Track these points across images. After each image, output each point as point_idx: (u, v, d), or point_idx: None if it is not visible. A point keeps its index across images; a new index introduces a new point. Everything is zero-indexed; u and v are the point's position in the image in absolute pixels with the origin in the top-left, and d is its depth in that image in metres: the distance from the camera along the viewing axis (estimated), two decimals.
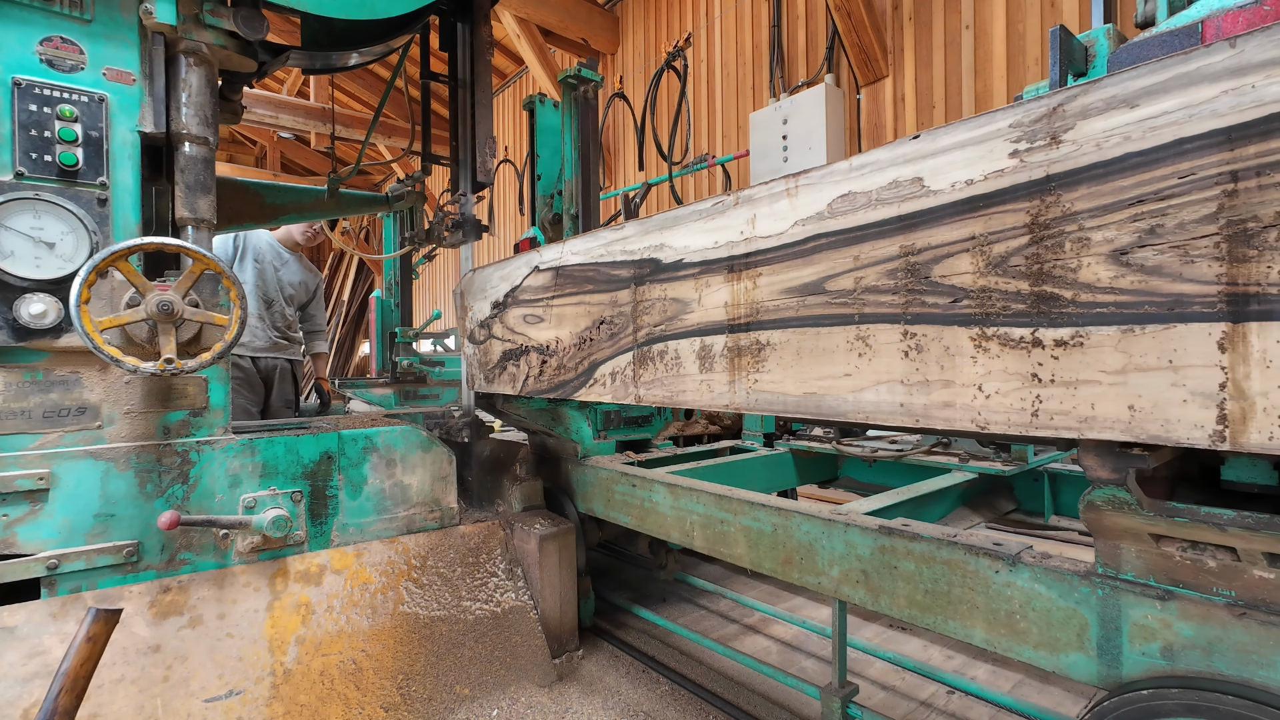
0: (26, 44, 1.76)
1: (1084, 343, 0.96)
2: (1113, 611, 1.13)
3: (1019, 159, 1.02)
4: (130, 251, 1.70)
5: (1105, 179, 0.93)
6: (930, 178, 1.12)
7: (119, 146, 1.87)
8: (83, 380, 1.83)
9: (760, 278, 1.41)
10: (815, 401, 1.33)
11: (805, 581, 1.67)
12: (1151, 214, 0.88)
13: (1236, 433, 0.83)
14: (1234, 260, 0.82)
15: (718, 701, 2.25)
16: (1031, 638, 1.22)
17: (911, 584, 1.41)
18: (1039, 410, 1.02)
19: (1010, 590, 1.25)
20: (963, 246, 1.08)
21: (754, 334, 1.43)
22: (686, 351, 1.59)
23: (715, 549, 1.93)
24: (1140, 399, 0.91)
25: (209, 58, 2.01)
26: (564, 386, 2.00)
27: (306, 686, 1.94)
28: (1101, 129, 0.93)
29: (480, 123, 2.90)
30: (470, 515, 2.64)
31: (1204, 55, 0.85)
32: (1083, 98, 0.96)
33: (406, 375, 6.21)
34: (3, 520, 1.69)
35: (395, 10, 2.29)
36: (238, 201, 3.15)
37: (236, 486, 2.03)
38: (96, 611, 1.26)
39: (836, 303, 1.27)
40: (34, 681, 1.61)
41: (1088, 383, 0.96)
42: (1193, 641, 1.04)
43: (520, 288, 2.21)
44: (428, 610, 2.24)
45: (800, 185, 1.33)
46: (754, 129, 5.58)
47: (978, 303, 1.07)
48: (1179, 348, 0.87)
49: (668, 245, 1.65)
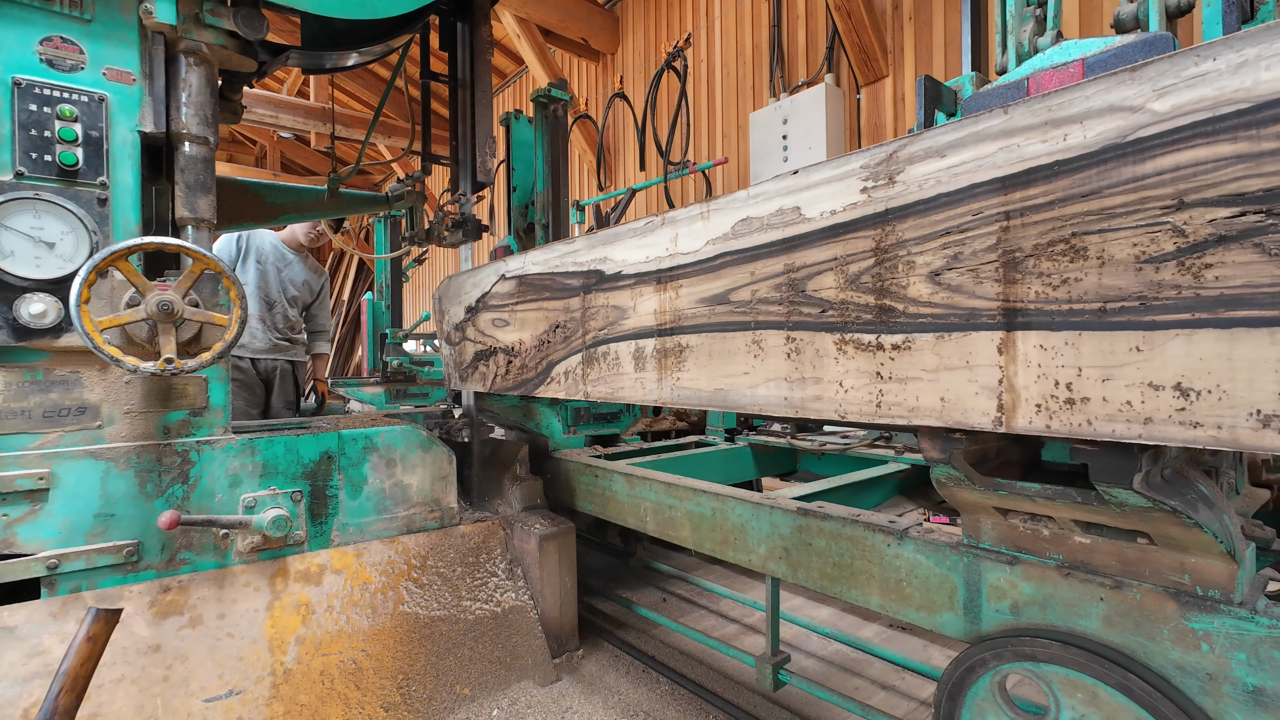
0: (26, 44, 1.76)
1: (911, 347, 1.15)
2: (975, 576, 1.33)
3: (867, 194, 1.20)
4: (130, 251, 1.70)
5: (925, 213, 1.11)
6: (806, 207, 1.30)
7: (119, 146, 1.87)
8: (83, 380, 1.83)
9: (681, 289, 1.59)
10: (722, 396, 1.51)
11: (739, 559, 1.87)
12: (955, 243, 1.08)
13: (1009, 418, 1.03)
14: (1007, 282, 1.02)
15: (718, 701, 2.25)
16: (915, 601, 1.44)
17: (823, 558, 1.63)
18: (881, 402, 1.20)
19: (899, 561, 1.46)
20: (828, 266, 1.27)
21: (677, 338, 1.60)
22: (624, 353, 1.76)
23: (665, 532, 2.16)
24: (948, 392, 1.10)
25: (209, 57, 2.01)
26: (526, 384, 2.16)
27: (306, 686, 1.94)
28: (923, 173, 1.12)
29: (480, 123, 2.90)
30: (470, 515, 2.64)
31: (988, 119, 1.04)
32: (910, 147, 1.14)
33: (397, 375, 6.42)
34: (3, 520, 1.69)
35: (395, 10, 2.29)
36: (238, 201, 3.15)
37: (236, 486, 2.03)
38: (96, 611, 1.26)
39: (738, 312, 1.45)
40: (34, 681, 1.61)
41: (914, 379, 1.15)
42: (1033, 599, 1.25)
43: (489, 294, 2.37)
44: (428, 610, 2.24)
45: (712, 210, 1.50)
46: (754, 129, 5.58)
47: (839, 313, 1.26)
48: (973, 351, 1.07)
49: (610, 258, 1.81)
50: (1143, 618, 1.11)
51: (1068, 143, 0.95)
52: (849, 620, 2.82)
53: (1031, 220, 0.98)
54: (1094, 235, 0.93)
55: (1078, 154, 0.94)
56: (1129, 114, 0.89)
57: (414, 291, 13.45)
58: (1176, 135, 0.85)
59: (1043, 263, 0.97)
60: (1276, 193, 0.77)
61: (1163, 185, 0.87)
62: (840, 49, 5.24)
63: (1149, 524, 1.10)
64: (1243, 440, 0.82)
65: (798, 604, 3.02)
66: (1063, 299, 0.96)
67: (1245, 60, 0.80)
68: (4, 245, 1.68)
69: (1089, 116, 0.93)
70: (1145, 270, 0.88)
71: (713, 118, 6.57)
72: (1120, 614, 1.13)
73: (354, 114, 10.22)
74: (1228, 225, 0.81)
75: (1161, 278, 0.87)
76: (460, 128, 2.96)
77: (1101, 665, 1.12)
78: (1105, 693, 1.12)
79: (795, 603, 3.04)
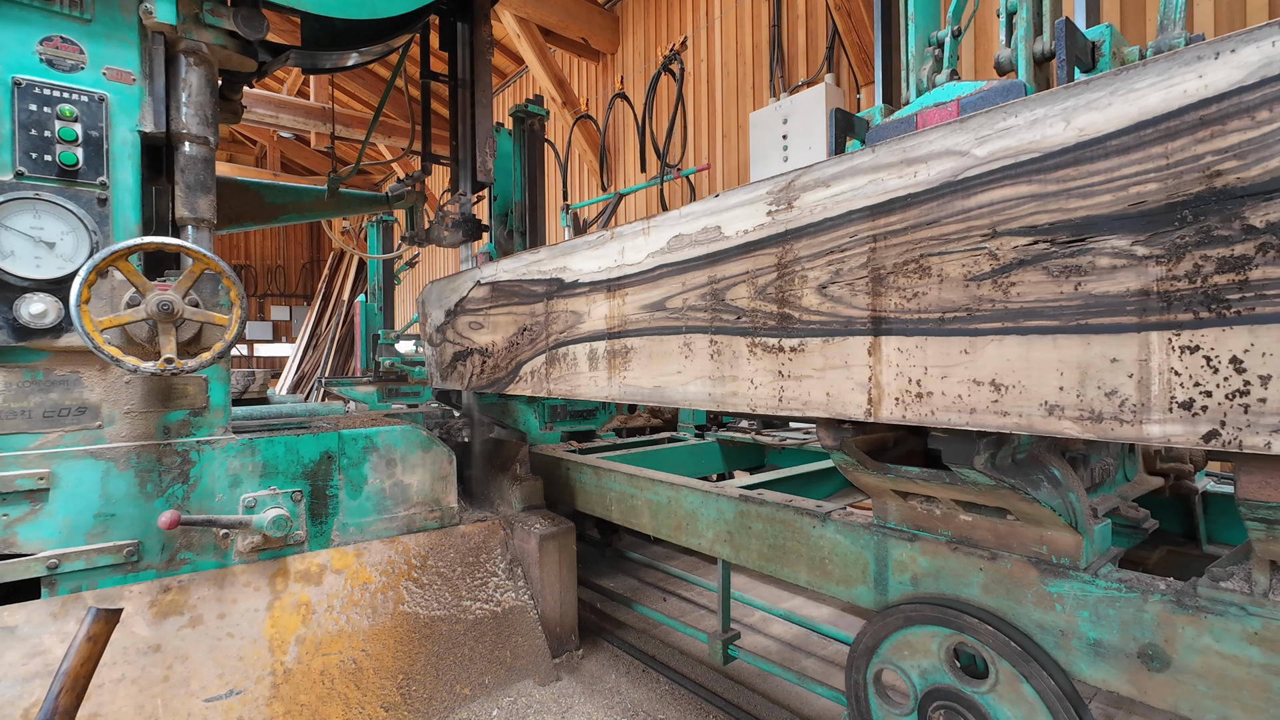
0: (26, 44, 1.76)
1: (804, 349, 1.31)
2: (883, 553, 1.52)
3: (772, 216, 1.36)
4: (130, 251, 1.70)
5: (815, 235, 1.28)
6: (725, 226, 1.46)
7: (119, 146, 1.87)
8: (83, 380, 1.83)
9: (627, 296, 1.73)
10: (660, 392, 1.66)
11: (690, 543, 2.06)
12: (837, 261, 1.25)
13: (876, 410, 1.20)
14: (875, 294, 1.19)
15: (718, 701, 2.25)
16: (835, 576, 1.63)
17: (761, 540, 1.82)
18: (782, 397, 1.36)
19: (823, 541, 1.66)
20: (742, 278, 1.42)
21: (623, 340, 1.75)
22: (581, 354, 1.91)
23: (628, 520, 2.34)
24: (833, 388, 1.27)
25: (209, 57, 2.01)
26: (498, 383, 2.32)
27: (307, 686, 1.94)
28: (813, 200, 1.28)
29: (480, 122, 2.90)
30: (470, 515, 2.64)
31: (861, 155, 1.20)
32: (803, 177, 1.30)
33: (389, 374, 6.61)
34: (3, 520, 1.69)
35: (395, 10, 2.29)
36: (238, 201, 3.15)
37: (237, 486, 2.03)
38: (97, 611, 1.26)
39: (672, 317, 1.60)
40: (34, 681, 1.61)
41: (806, 377, 1.32)
42: (928, 571, 1.43)
43: (466, 299, 2.52)
44: (428, 610, 2.24)
45: (652, 226, 1.65)
46: (754, 129, 5.58)
47: (750, 319, 1.41)
48: (850, 353, 1.24)
49: (569, 268, 1.94)
50: (1012, 584, 1.30)
51: (917, 179, 1.12)
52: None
53: (892, 243, 1.15)
54: (935, 257, 1.10)
55: (924, 188, 1.11)
56: (959, 157, 1.06)
57: (407, 293, 13.45)
58: (992, 176, 1.02)
59: (900, 279, 1.15)
60: (1058, 225, 0.96)
61: (982, 217, 1.04)
62: (840, 49, 5.24)
63: (1002, 500, 1.28)
64: (1036, 426, 0.99)
65: (769, 593, 3.09)
66: (914, 309, 1.13)
67: (1037, 118, 0.97)
68: (4, 245, 1.68)
69: (931, 158, 1.10)
70: (970, 287, 1.05)
71: (713, 117, 6.57)
72: (995, 581, 1.32)
73: (354, 114, 10.22)
74: (1025, 251, 0.99)
75: (982, 293, 1.04)
76: (460, 128, 2.96)
77: (978, 626, 1.29)
78: (983, 650, 1.30)
79: (766, 591, 3.12)
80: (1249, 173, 0.80)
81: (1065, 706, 1.19)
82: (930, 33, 1.99)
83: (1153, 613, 1.11)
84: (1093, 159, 0.92)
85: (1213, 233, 0.83)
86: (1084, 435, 0.94)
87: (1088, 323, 0.93)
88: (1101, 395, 0.92)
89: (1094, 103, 0.92)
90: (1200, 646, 1.06)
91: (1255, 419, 0.81)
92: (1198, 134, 0.83)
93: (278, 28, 2.78)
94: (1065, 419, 0.96)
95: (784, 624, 2.84)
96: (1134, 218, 0.89)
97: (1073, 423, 0.95)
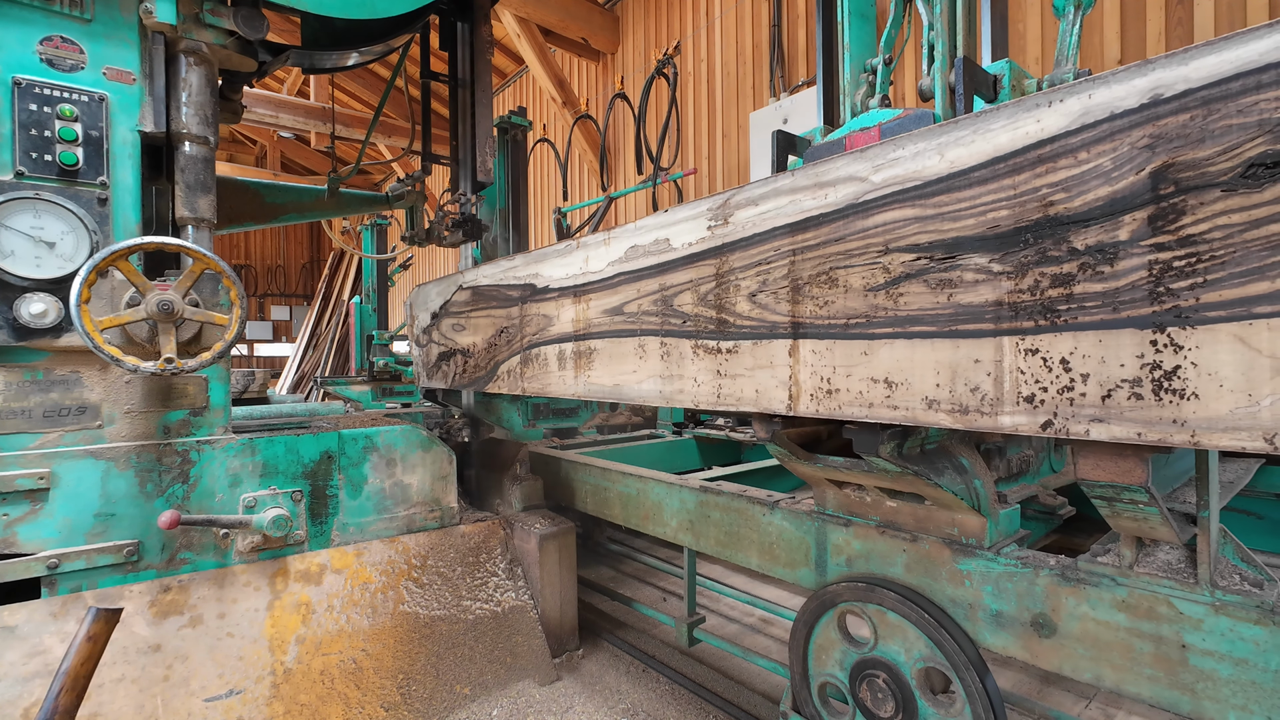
0: (27, 43, 1.76)
1: (738, 351, 1.44)
2: (823, 537, 1.70)
3: (711, 231, 1.48)
4: (130, 251, 1.70)
5: (747, 248, 1.40)
6: (673, 239, 1.58)
7: (119, 146, 1.87)
8: (83, 380, 1.83)
9: (591, 301, 1.84)
10: (619, 391, 1.77)
11: (657, 532, 2.24)
12: (764, 272, 1.37)
13: (795, 405, 1.32)
14: (794, 302, 1.31)
15: (718, 701, 2.25)
16: (781, 560, 1.80)
17: (719, 527, 2.00)
18: (720, 394, 1.48)
19: (771, 527, 1.83)
20: (687, 286, 1.55)
21: (587, 342, 1.87)
22: (551, 355, 2.02)
23: (600, 511, 2.53)
24: (760, 386, 1.39)
25: (209, 57, 2.01)
26: (478, 381, 2.43)
27: (307, 686, 1.94)
28: (745, 216, 1.41)
29: (480, 122, 2.90)
30: (470, 514, 2.64)
31: (783, 178, 1.32)
32: (737, 195, 1.43)
33: (383, 374, 6.73)
34: (3, 520, 1.69)
35: (395, 10, 2.29)
36: (238, 201, 3.15)
37: (237, 486, 2.03)
38: (97, 611, 1.26)
39: (629, 321, 1.72)
40: (34, 681, 1.61)
41: (740, 375, 1.43)
42: (860, 553, 1.61)
43: (450, 302, 2.64)
44: (428, 610, 2.24)
45: (612, 237, 1.77)
46: (754, 128, 5.58)
47: (694, 324, 1.53)
48: (774, 355, 1.36)
49: (540, 274, 2.05)
50: (929, 563, 1.47)
51: (827, 200, 1.25)
52: None
53: (808, 257, 1.28)
54: (841, 270, 1.23)
55: (833, 209, 1.24)
56: (860, 182, 1.20)
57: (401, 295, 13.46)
58: (885, 200, 1.16)
59: (814, 288, 1.28)
60: (935, 244, 1.09)
61: (878, 235, 1.17)
62: None
63: (914, 486, 1.42)
64: (919, 418, 1.12)
65: (741, 581, 3.18)
66: (825, 316, 1.26)
67: (919, 150, 1.11)
68: (4, 245, 1.68)
69: (839, 182, 1.23)
70: (869, 296, 1.19)
71: (713, 117, 6.56)
72: (916, 561, 1.49)
73: (354, 114, 10.22)
74: (910, 266, 1.12)
75: (878, 302, 1.17)
76: (460, 127, 2.96)
77: (901, 602, 1.45)
78: (903, 624, 1.46)
79: (738, 580, 3.21)
80: (1073, 203, 0.94)
81: (971, 674, 1.37)
82: (865, 60, 2.16)
83: (1043, 585, 1.29)
84: (961, 187, 1.06)
85: (1048, 253, 0.97)
86: (955, 425, 1.09)
87: (957, 328, 1.07)
88: (968, 391, 1.06)
89: (961, 139, 1.05)
90: (1080, 614, 1.25)
91: (1078, 410, 0.95)
92: (1037, 169, 0.97)
93: (278, 27, 2.79)
94: (940, 411, 1.10)
95: (784, 624, 2.84)
96: (991, 239, 1.03)
97: (946, 414, 1.09)
